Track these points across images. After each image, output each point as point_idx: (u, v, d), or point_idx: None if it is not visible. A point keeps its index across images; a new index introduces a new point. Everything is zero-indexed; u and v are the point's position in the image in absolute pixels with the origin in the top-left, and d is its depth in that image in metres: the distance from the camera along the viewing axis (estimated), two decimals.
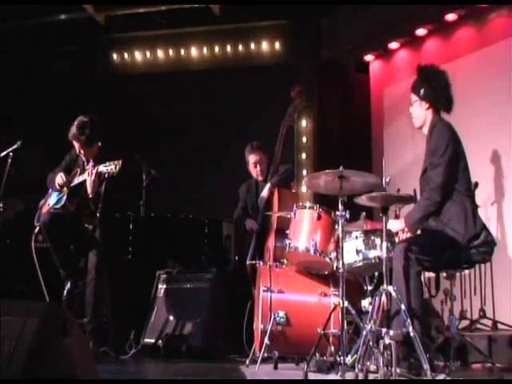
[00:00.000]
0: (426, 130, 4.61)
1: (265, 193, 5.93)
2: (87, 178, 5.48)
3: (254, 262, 5.36)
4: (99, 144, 5.76)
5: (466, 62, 7.04)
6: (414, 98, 4.63)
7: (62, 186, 5.72)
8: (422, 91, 4.55)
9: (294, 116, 6.08)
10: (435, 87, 4.56)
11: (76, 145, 5.71)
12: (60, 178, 5.71)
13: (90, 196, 5.52)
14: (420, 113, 4.61)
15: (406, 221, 4.44)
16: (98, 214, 5.54)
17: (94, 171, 5.42)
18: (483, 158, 6.50)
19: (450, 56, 7.20)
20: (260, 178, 6.28)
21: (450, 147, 4.40)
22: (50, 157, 6.72)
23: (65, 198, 5.69)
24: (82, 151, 5.71)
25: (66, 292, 5.59)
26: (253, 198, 6.29)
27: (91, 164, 5.54)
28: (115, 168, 5.30)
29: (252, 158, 6.28)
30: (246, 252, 5.95)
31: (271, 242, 5.57)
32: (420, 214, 4.40)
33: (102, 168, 5.38)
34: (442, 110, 4.59)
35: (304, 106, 6.19)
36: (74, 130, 5.65)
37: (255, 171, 6.30)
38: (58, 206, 5.72)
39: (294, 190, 6.28)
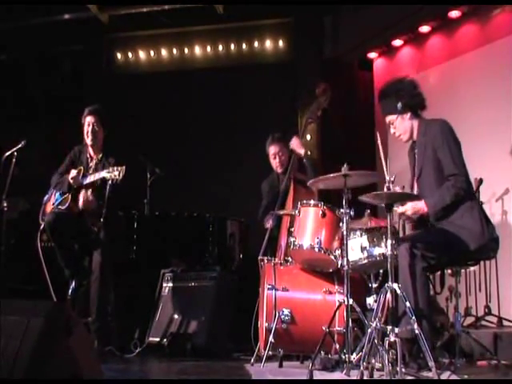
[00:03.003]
0: (415, 135, 4.58)
1: (283, 186, 5.84)
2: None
3: (263, 258, 5.29)
4: (104, 133, 5.89)
5: (470, 58, 7.03)
6: (392, 118, 4.59)
7: (72, 185, 5.71)
8: (398, 106, 4.46)
9: (317, 113, 5.99)
10: (407, 94, 4.52)
11: (89, 125, 5.79)
12: (74, 173, 5.72)
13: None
14: (405, 126, 4.58)
15: (430, 206, 4.31)
16: (102, 216, 5.54)
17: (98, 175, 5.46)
18: (488, 154, 6.49)
19: (453, 53, 7.21)
20: (279, 170, 6.20)
21: (457, 139, 4.38)
22: (54, 156, 6.72)
23: (69, 199, 5.70)
24: (96, 131, 5.79)
25: (70, 291, 5.62)
26: (276, 192, 6.22)
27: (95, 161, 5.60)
28: (118, 175, 5.29)
29: (272, 149, 6.21)
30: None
31: (283, 241, 5.54)
32: (448, 200, 4.27)
33: (105, 174, 5.38)
34: (419, 111, 4.58)
35: (328, 104, 6.11)
36: (88, 109, 5.85)
37: (275, 163, 6.22)
38: (63, 208, 5.73)
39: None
